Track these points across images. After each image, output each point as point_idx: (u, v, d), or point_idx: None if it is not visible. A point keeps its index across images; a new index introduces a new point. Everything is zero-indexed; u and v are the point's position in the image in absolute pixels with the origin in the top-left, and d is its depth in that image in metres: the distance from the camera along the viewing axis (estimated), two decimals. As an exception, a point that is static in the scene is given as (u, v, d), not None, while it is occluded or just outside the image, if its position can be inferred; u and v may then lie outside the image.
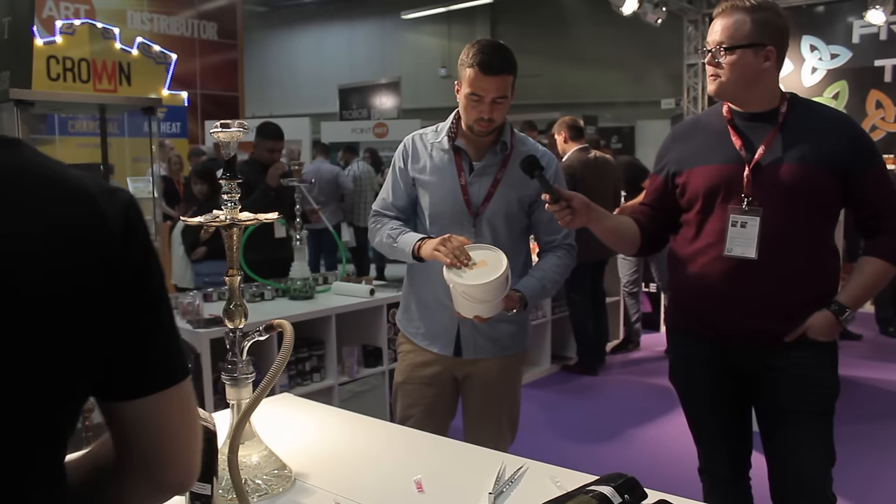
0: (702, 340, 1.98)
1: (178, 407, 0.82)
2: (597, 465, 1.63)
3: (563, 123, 5.00)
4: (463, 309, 1.95)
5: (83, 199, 0.74)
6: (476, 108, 2.03)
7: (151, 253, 0.80)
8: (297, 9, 16.67)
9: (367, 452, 1.56)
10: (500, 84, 2.01)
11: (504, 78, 2.02)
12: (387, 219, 2.19)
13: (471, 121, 2.06)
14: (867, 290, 1.91)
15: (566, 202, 1.83)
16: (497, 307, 1.95)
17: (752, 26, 1.82)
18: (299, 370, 3.52)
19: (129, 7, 9.93)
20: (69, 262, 0.71)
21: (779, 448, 1.93)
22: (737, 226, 1.86)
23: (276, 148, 4.29)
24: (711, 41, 1.87)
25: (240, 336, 1.37)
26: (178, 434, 0.82)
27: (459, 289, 1.87)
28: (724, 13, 1.86)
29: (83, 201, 0.74)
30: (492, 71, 1.99)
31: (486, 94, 2.01)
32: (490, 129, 2.07)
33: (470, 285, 1.85)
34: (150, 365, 0.79)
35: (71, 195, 0.74)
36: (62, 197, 0.73)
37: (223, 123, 1.34)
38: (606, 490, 1.18)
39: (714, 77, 1.88)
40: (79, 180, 0.76)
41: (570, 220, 1.84)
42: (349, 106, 13.17)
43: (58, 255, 0.71)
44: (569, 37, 13.85)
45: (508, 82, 2.04)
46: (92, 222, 0.74)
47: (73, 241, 0.72)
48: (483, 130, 2.07)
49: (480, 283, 1.83)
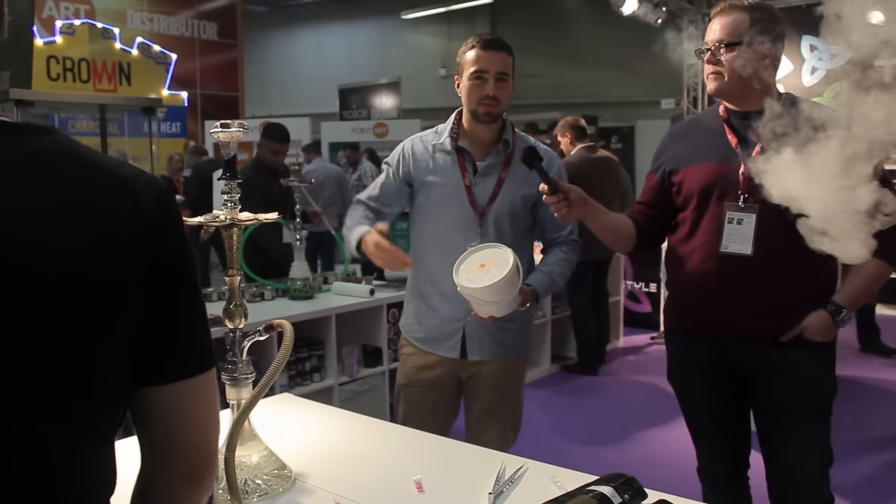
0: (699, 340, 1.98)
1: (206, 394, 0.82)
2: (597, 465, 1.63)
3: (566, 125, 4.99)
4: (478, 309, 1.95)
5: (119, 184, 0.75)
6: (480, 87, 2.04)
7: (186, 239, 0.80)
8: (297, 9, 16.67)
9: (367, 452, 1.56)
10: (501, 59, 2.05)
11: (505, 55, 2.06)
12: (361, 206, 2.19)
13: (475, 103, 2.07)
14: (864, 290, 1.91)
15: (563, 194, 1.83)
16: (512, 304, 1.95)
17: (751, 24, 1.83)
18: (299, 370, 3.52)
19: (129, 7, 9.93)
20: (108, 248, 0.71)
21: (776, 448, 1.94)
22: (733, 223, 1.86)
23: (280, 150, 4.26)
24: (710, 40, 1.88)
25: (240, 336, 1.37)
26: (205, 422, 0.83)
27: (467, 292, 1.87)
28: (722, 12, 1.88)
29: (120, 187, 0.75)
30: (492, 46, 2.05)
31: (489, 69, 2.03)
32: (495, 111, 2.07)
33: (479, 288, 1.84)
34: (183, 350, 0.80)
35: (108, 181, 0.74)
36: (100, 183, 0.74)
37: (223, 123, 1.34)
38: (606, 490, 1.18)
39: (714, 75, 1.89)
40: (114, 166, 0.76)
41: (566, 212, 1.85)
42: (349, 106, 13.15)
43: (96, 241, 0.71)
44: (569, 37, 13.85)
45: (509, 62, 2.07)
46: (129, 208, 0.74)
47: (111, 228, 0.72)
48: (489, 113, 2.06)
49: (489, 285, 1.83)
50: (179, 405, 0.80)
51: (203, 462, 0.84)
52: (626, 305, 6.13)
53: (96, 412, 0.74)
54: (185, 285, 0.79)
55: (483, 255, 1.90)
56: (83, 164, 0.74)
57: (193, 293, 0.81)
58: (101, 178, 0.74)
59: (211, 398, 0.83)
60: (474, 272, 1.87)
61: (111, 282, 0.71)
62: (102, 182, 0.74)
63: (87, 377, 0.72)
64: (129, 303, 0.73)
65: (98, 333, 0.71)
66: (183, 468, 0.82)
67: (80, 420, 0.72)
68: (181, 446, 0.81)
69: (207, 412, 0.83)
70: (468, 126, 2.13)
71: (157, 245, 0.75)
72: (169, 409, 0.79)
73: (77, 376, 0.71)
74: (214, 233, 1.38)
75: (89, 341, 0.71)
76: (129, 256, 0.73)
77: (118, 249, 0.72)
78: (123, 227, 0.73)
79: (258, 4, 15.70)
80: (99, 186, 0.73)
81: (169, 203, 0.78)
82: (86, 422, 0.73)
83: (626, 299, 6.17)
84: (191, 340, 0.81)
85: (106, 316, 0.71)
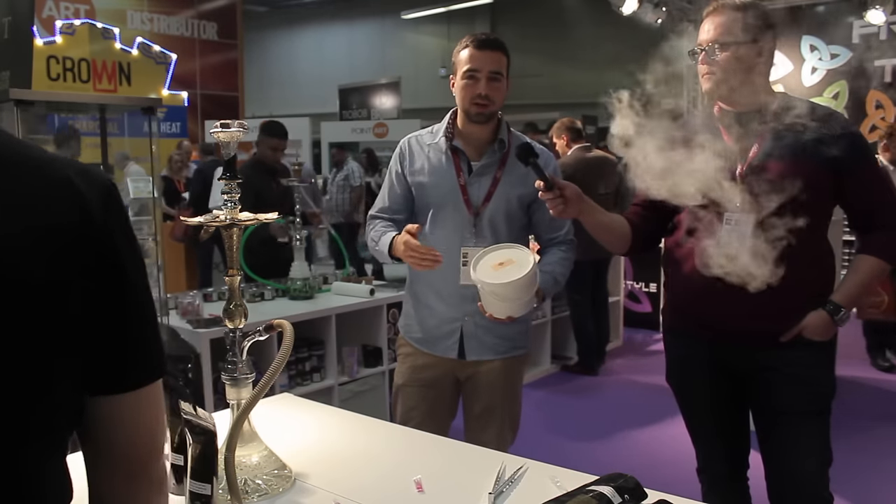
0: (698, 340, 1.98)
1: (154, 404, 0.80)
2: (597, 465, 1.63)
3: (561, 126, 5.00)
4: (494, 310, 1.93)
5: (61, 183, 0.72)
6: (472, 87, 2.04)
7: (132, 239, 0.78)
8: (297, 9, 16.68)
9: (367, 452, 1.56)
10: (494, 59, 2.04)
11: (498, 55, 2.05)
12: (378, 221, 2.19)
13: (467, 103, 2.06)
14: (862, 288, 1.91)
15: (559, 190, 1.83)
16: (529, 304, 1.94)
17: (744, 24, 1.83)
18: (299, 370, 3.52)
19: (129, 7, 9.93)
20: (51, 248, 0.70)
21: (775, 448, 1.94)
22: (730, 224, 1.86)
23: (279, 147, 4.25)
24: (704, 40, 1.88)
25: (240, 336, 1.37)
26: (153, 429, 0.82)
27: (488, 289, 1.85)
28: (715, 12, 1.88)
29: (62, 185, 0.72)
30: (486, 45, 2.04)
31: (481, 69, 2.03)
32: (487, 111, 2.06)
33: (499, 284, 1.83)
34: (130, 359, 0.77)
35: (49, 179, 0.72)
36: (41, 182, 0.71)
37: (223, 123, 1.34)
38: (606, 490, 1.18)
39: (708, 76, 1.89)
40: (56, 164, 0.74)
41: (561, 209, 1.85)
42: (349, 106, 13.17)
43: (39, 241, 0.69)
44: (568, 37, 13.85)
45: (503, 62, 2.06)
46: (71, 207, 0.72)
47: (53, 227, 0.70)
48: (481, 113, 2.06)
49: (510, 282, 1.82)
50: (129, 414, 0.78)
51: (149, 465, 0.82)
52: (626, 305, 6.13)
53: (55, 425, 0.73)
54: (130, 287, 0.76)
55: (500, 254, 1.89)
56: (22, 162, 0.72)
57: (140, 296, 0.78)
58: (41, 176, 0.72)
59: (158, 405, 0.82)
60: (493, 270, 1.86)
61: (54, 283, 0.69)
62: (43, 180, 0.72)
63: (45, 388, 0.70)
64: (74, 305, 0.71)
65: (47, 339, 0.69)
66: (130, 472, 0.81)
67: (39, 434, 0.71)
68: (128, 453, 0.80)
69: (155, 419, 0.82)
70: (463, 126, 2.13)
71: (99, 243, 0.73)
72: (117, 417, 0.78)
73: (34, 388, 0.69)
74: (215, 232, 1.38)
75: (41, 348, 0.69)
76: (70, 253, 0.71)
77: (58, 246, 0.70)
78: (64, 225, 0.71)
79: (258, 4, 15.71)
80: (39, 185, 0.71)
81: (113, 201, 0.76)
82: (45, 435, 0.72)
83: (626, 299, 6.17)
84: (142, 348, 0.78)
85: (52, 320, 0.70)
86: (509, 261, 1.87)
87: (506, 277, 1.83)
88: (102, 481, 0.81)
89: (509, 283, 1.82)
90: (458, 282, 2.09)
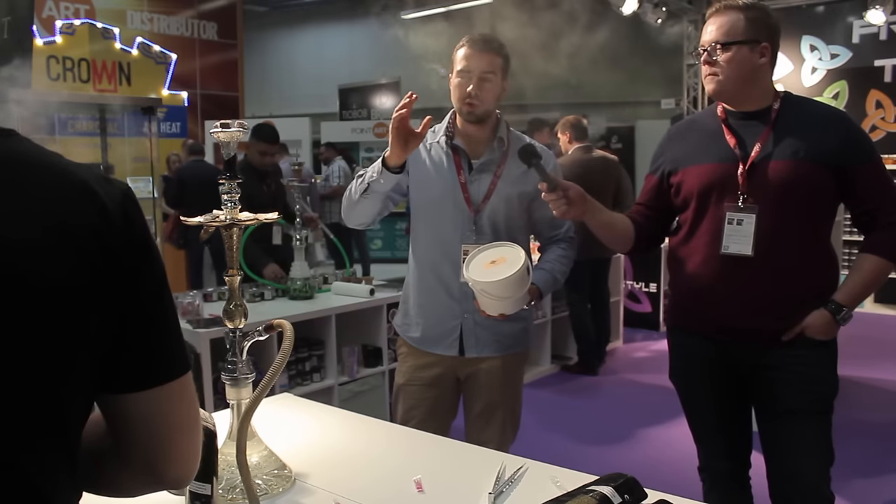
0: (702, 339, 1.99)
1: (178, 402, 0.81)
2: (597, 465, 1.63)
3: (567, 123, 4.99)
4: (487, 307, 1.95)
5: (82, 188, 0.74)
6: (463, 86, 2.05)
7: (151, 243, 0.79)
8: (297, 9, 16.67)
9: (367, 452, 1.56)
10: (488, 60, 2.04)
11: (492, 56, 2.05)
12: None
13: (458, 102, 2.07)
14: (865, 288, 1.91)
15: (563, 191, 1.83)
16: (521, 302, 1.95)
17: (746, 23, 1.83)
18: (299, 370, 3.52)
19: (129, 7, 9.92)
20: (72, 253, 0.71)
21: (777, 447, 1.94)
22: (733, 223, 1.87)
23: (268, 151, 4.16)
24: (706, 41, 1.88)
25: (240, 336, 1.37)
26: (178, 430, 0.82)
27: (479, 287, 1.87)
28: (717, 13, 1.88)
29: (82, 191, 0.74)
30: (479, 46, 2.05)
31: (473, 69, 2.03)
32: (476, 110, 2.06)
33: (489, 282, 1.84)
34: (152, 357, 0.79)
35: (70, 185, 0.73)
36: (62, 187, 0.73)
37: (223, 123, 1.34)
38: (606, 490, 1.18)
39: (711, 76, 1.89)
40: (76, 170, 0.75)
41: (565, 209, 1.85)
42: (349, 106, 13.17)
43: (60, 245, 0.70)
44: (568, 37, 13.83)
45: (497, 63, 2.06)
46: (92, 212, 0.73)
47: (74, 232, 0.71)
48: (471, 112, 2.06)
49: (500, 280, 1.83)
50: (153, 413, 0.79)
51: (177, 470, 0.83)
52: (626, 305, 6.13)
53: (69, 423, 0.74)
54: (151, 289, 0.78)
55: (493, 253, 1.91)
56: (44, 166, 0.73)
57: (161, 296, 0.80)
58: (62, 182, 0.73)
59: (186, 405, 0.82)
60: (485, 268, 1.87)
61: (77, 288, 0.70)
62: (64, 185, 0.73)
63: (61, 388, 0.71)
64: (93, 308, 0.72)
65: (66, 342, 0.70)
66: (157, 473, 0.81)
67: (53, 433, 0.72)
68: (154, 453, 0.80)
69: (181, 420, 0.82)
70: (462, 125, 2.14)
71: (119, 248, 0.74)
72: (143, 416, 0.78)
73: (52, 397, 0.70)
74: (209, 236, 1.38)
75: (58, 351, 0.70)
76: (91, 256, 0.72)
77: (81, 252, 0.71)
78: (85, 230, 0.72)
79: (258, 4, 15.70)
80: (60, 190, 0.73)
81: (131, 207, 0.78)
82: (58, 435, 0.73)
83: (626, 299, 6.17)
84: (164, 345, 0.79)
85: (72, 324, 0.70)
86: (501, 259, 1.88)
87: (495, 275, 1.84)
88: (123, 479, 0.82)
89: (498, 280, 1.83)
90: (459, 279, 2.10)
